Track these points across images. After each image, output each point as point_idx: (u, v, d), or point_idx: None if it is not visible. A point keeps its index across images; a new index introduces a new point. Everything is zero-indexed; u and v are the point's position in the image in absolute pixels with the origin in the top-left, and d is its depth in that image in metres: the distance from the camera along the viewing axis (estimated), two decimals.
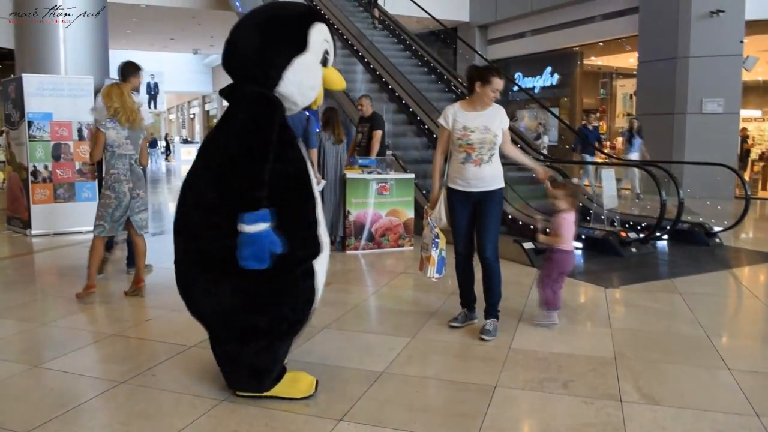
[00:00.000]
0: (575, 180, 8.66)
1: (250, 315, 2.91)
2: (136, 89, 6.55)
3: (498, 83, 3.92)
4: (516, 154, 4.24)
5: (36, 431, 2.73)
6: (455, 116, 4.03)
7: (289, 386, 3.05)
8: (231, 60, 2.99)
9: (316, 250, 2.98)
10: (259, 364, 2.99)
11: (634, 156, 11.75)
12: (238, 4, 14.21)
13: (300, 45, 2.92)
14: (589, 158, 12.00)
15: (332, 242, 6.95)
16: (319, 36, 2.98)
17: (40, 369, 3.48)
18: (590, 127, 12.86)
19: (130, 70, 6.17)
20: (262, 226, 2.71)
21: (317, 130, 7.21)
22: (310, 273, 2.98)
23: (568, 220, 4.23)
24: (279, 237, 2.75)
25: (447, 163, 4.14)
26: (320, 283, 3.08)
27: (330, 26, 3.11)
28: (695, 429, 2.78)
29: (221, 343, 3.04)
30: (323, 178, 6.86)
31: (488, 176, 4.00)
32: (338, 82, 3.16)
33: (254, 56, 2.89)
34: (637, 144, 11.94)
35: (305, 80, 2.95)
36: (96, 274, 5.01)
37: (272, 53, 2.89)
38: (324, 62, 3.05)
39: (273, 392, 3.03)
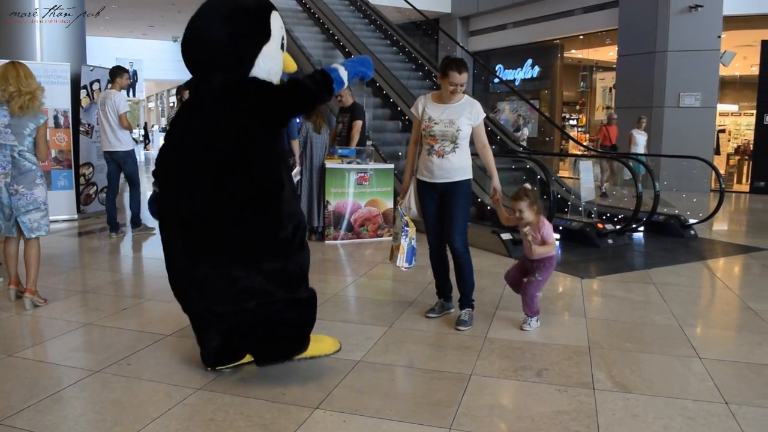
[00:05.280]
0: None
1: (293, 288, 3.06)
2: (125, 88, 7.25)
3: (455, 78, 3.85)
4: (486, 158, 4.08)
5: (10, 420, 2.71)
6: (425, 106, 4.04)
7: (316, 346, 3.20)
8: (198, 50, 3.06)
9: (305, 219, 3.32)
10: (307, 321, 3.16)
11: None
12: None
13: (265, 33, 3.08)
14: None
15: (312, 232, 6.95)
16: (277, 24, 3.15)
17: (14, 358, 3.45)
18: None
19: (117, 71, 7.07)
20: (341, 69, 3.13)
21: (297, 121, 7.20)
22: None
23: (548, 224, 4.01)
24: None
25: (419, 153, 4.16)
26: None
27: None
28: (666, 416, 2.83)
29: (259, 322, 3.09)
30: (309, 168, 6.86)
31: (451, 168, 3.98)
32: (291, 65, 3.33)
33: (228, 46, 2.99)
34: None
35: (272, 66, 3.13)
36: (15, 271, 4.51)
37: (245, 42, 3.02)
38: (282, 47, 3.21)
39: (307, 353, 3.18)
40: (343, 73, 3.12)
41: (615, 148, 11.87)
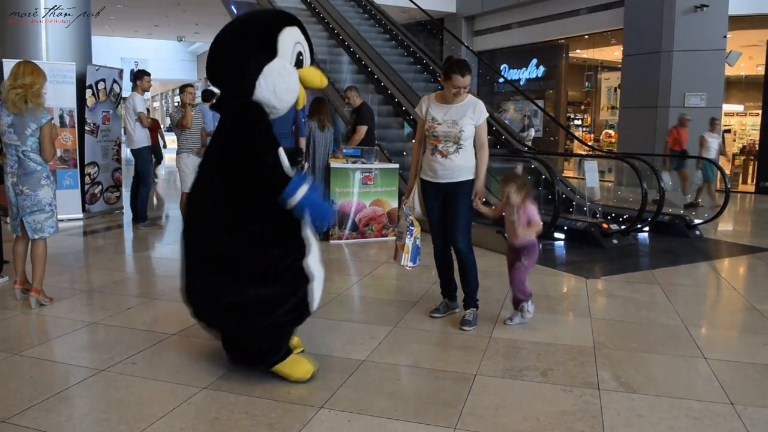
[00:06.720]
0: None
1: (250, 316, 3.05)
2: (147, 90, 7.70)
3: (459, 81, 3.83)
4: (480, 158, 4.04)
5: (14, 419, 2.72)
6: (429, 107, 4.03)
7: (288, 366, 3.13)
8: (211, 74, 3.09)
9: (302, 252, 3.06)
10: (263, 347, 3.12)
11: None
12: (233, 7, 14.07)
13: (269, 51, 2.98)
14: None
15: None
16: (290, 39, 3.04)
17: (19, 356, 3.46)
18: None
19: (138, 75, 7.61)
20: (305, 187, 2.91)
21: (304, 119, 7.23)
22: (302, 275, 3.06)
23: (533, 206, 4.03)
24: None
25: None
26: (318, 282, 3.16)
27: (302, 27, 3.15)
28: (671, 417, 2.82)
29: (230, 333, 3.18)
30: (312, 165, 6.91)
31: (455, 168, 3.96)
32: (318, 80, 3.22)
33: (228, 68, 2.99)
34: None
35: (278, 85, 2.98)
36: (22, 269, 4.51)
37: (242, 63, 2.96)
38: (299, 64, 3.10)
39: (274, 368, 3.13)
40: (297, 199, 2.89)
41: (685, 153, 10.85)
